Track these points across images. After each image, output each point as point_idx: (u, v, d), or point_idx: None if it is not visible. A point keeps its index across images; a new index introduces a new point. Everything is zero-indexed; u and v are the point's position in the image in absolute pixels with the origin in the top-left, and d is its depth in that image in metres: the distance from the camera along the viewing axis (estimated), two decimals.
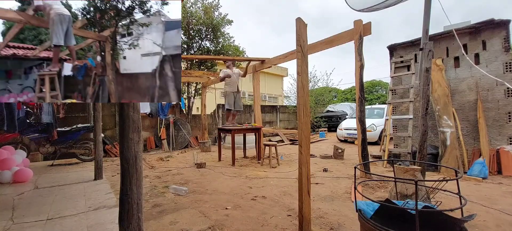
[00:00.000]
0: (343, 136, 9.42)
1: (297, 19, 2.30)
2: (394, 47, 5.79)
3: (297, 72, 2.30)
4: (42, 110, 5.03)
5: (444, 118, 4.62)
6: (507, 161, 4.10)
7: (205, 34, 9.29)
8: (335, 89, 22.34)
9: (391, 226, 1.40)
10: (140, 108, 1.61)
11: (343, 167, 5.17)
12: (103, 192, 3.58)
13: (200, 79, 8.99)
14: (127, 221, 1.52)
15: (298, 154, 2.27)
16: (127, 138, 1.52)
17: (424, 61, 2.83)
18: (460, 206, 1.44)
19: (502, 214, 2.60)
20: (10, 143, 5.23)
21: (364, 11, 3.32)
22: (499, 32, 4.43)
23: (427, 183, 2.54)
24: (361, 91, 4.13)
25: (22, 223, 2.55)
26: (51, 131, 5.40)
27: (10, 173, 4.16)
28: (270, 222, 2.51)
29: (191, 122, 9.57)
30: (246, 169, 5.10)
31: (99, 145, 4.37)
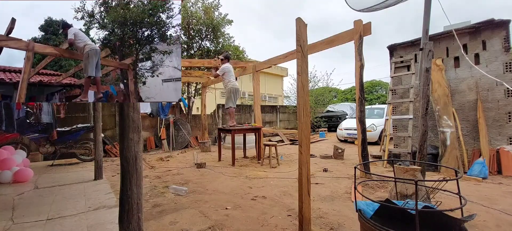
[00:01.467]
0: (343, 136, 9.42)
1: (297, 19, 2.30)
2: (394, 47, 5.79)
3: (297, 72, 2.30)
4: (41, 110, 5.02)
5: (444, 118, 4.62)
6: (507, 161, 4.10)
7: (205, 34, 9.29)
8: (335, 89, 22.35)
9: (391, 226, 1.40)
10: (140, 108, 1.61)
11: (343, 167, 5.17)
12: (103, 192, 3.58)
13: (200, 79, 8.99)
14: (127, 221, 1.52)
15: (298, 154, 2.27)
16: (127, 138, 1.52)
17: (424, 61, 2.83)
18: (460, 206, 1.44)
19: (502, 214, 2.60)
20: (10, 143, 5.23)
21: (364, 11, 3.33)
22: (499, 32, 4.43)
23: (427, 183, 2.54)
24: (361, 91, 4.13)
25: (22, 223, 2.55)
26: (51, 131, 5.39)
27: (10, 173, 4.16)
28: (270, 222, 2.51)
29: (191, 122, 9.57)
30: (246, 169, 5.10)
31: (99, 145, 4.37)
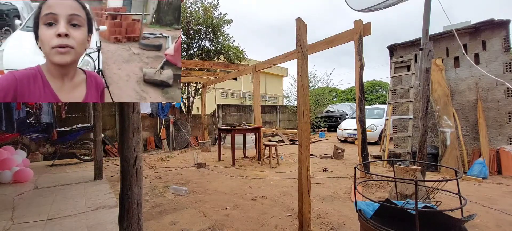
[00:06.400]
0: (343, 136, 9.42)
1: (297, 19, 2.30)
2: (394, 47, 5.79)
3: (297, 72, 2.30)
4: (41, 110, 5.02)
5: (444, 118, 4.62)
6: (507, 161, 4.10)
7: (205, 34, 9.29)
8: (335, 89, 22.34)
9: (391, 226, 1.40)
10: (140, 108, 1.61)
11: (343, 167, 5.17)
12: (103, 192, 3.58)
13: (200, 79, 8.99)
14: (127, 221, 1.52)
15: (298, 154, 2.27)
16: (127, 138, 1.52)
17: (424, 61, 2.83)
18: (460, 206, 1.44)
19: (502, 214, 2.60)
20: (10, 143, 5.24)
21: (364, 11, 3.33)
22: (499, 32, 4.43)
23: (427, 183, 2.54)
24: (361, 91, 4.13)
25: (22, 223, 2.55)
26: (51, 131, 5.40)
27: (10, 173, 4.16)
28: (270, 222, 2.51)
29: (191, 122, 9.57)
30: (246, 169, 5.10)
31: (99, 145, 4.37)
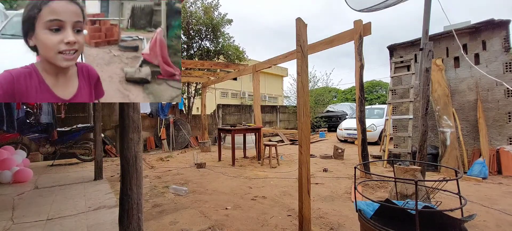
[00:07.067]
0: (343, 136, 9.42)
1: (297, 19, 2.30)
2: (394, 47, 5.79)
3: (297, 72, 2.30)
4: (41, 110, 5.02)
5: (444, 118, 4.62)
6: (507, 161, 4.10)
7: (205, 34, 9.29)
8: (335, 89, 22.35)
9: (391, 226, 1.40)
10: (140, 108, 1.61)
11: (343, 167, 5.17)
12: (103, 192, 3.58)
13: (200, 79, 8.99)
14: (127, 221, 1.52)
15: (298, 154, 2.27)
16: (127, 138, 1.52)
17: (424, 61, 2.83)
18: (460, 206, 1.44)
19: (502, 214, 2.60)
20: (10, 143, 5.24)
21: (364, 11, 3.32)
22: (499, 32, 4.43)
23: (427, 183, 2.54)
24: (361, 91, 4.13)
25: (22, 223, 2.55)
26: (51, 131, 5.40)
27: (10, 173, 4.16)
28: (270, 222, 2.51)
29: (191, 122, 9.57)
30: (246, 169, 5.10)
31: (99, 145, 4.37)
